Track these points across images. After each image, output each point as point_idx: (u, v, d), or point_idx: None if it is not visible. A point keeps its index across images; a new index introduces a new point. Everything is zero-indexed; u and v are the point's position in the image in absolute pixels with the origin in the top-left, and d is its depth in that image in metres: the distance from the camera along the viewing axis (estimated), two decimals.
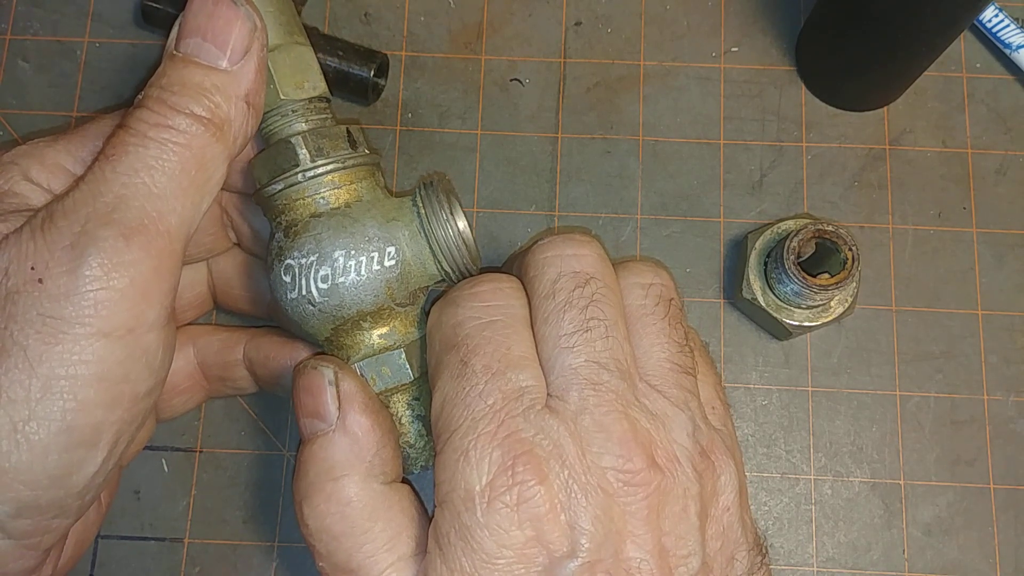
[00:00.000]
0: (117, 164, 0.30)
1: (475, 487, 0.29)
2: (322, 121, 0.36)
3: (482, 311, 0.32)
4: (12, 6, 0.49)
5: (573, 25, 0.50)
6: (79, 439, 0.29)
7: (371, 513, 0.32)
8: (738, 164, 0.48)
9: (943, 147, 0.48)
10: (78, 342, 0.28)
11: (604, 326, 0.31)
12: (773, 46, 0.49)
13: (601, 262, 0.33)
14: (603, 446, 0.30)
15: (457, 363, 0.31)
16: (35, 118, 0.48)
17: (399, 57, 0.49)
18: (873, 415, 0.45)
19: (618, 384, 0.31)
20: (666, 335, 0.33)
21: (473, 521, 0.28)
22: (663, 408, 0.31)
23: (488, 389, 0.30)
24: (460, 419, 0.30)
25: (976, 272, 0.46)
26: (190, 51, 0.32)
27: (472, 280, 0.34)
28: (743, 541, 0.32)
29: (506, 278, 0.34)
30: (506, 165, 0.48)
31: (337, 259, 0.34)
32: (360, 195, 0.35)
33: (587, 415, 0.30)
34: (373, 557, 0.31)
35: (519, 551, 0.28)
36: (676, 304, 0.34)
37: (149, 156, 0.30)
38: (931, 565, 0.43)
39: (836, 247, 0.41)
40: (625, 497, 0.29)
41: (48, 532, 0.30)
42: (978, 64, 0.49)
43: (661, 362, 0.33)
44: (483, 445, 0.29)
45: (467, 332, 0.32)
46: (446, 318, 0.33)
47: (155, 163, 0.30)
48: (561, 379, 0.31)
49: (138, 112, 0.31)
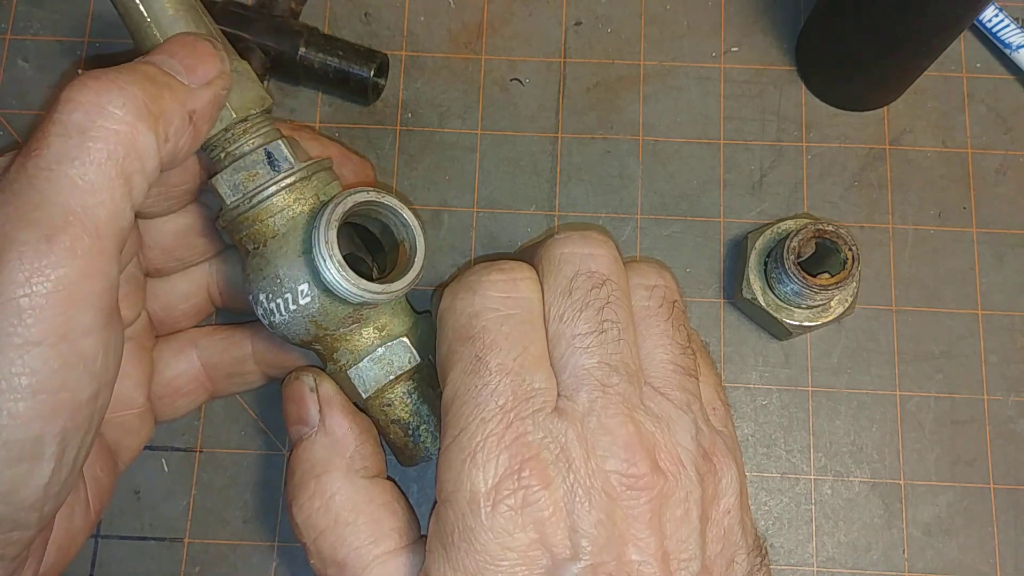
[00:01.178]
0: (39, 158, 0.27)
1: (480, 489, 0.29)
2: (243, 144, 0.34)
3: (500, 303, 0.32)
4: (12, 6, 0.49)
5: (573, 25, 0.50)
6: (19, 454, 0.27)
7: (354, 506, 0.33)
8: (738, 164, 0.48)
9: (943, 147, 0.48)
10: (5, 354, 0.26)
11: (617, 329, 0.31)
12: (773, 46, 0.49)
13: (616, 264, 0.33)
14: (608, 449, 0.30)
15: (472, 358, 0.31)
16: (35, 118, 0.48)
17: (399, 57, 0.49)
18: (873, 415, 0.45)
19: (626, 387, 0.31)
20: (669, 337, 0.33)
21: (477, 523, 0.29)
22: (667, 411, 0.31)
23: (500, 389, 0.30)
24: (469, 418, 0.30)
25: (976, 272, 0.46)
26: (155, 61, 0.31)
27: (490, 267, 0.33)
28: (743, 544, 0.32)
29: (526, 269, 0.33)
30: (506, 165, 0.48)
31: (262, 301, 0.33)
32: (276, 229, 0.33)
33: (594, 417, 0.30)
34: (358, 550, 0.32)
35: (522, 553, 0.28)
36: (679, 306, 0.34)
37: (72, 145, 0.27)
38: (931, 565, 0.43)
39: (836, 247, 0.41)
40: (628, 501, 0.29)
41: (10, 544, 0.29)
42: (978, 64, 0.49)
43: (664, 364, 0.33)
44: (491, 448, 0.29)
45: (484, 325, 0.31)
46: (461, 305, 0.32)
47: (79, 152, 0.27)
48: (572, 379, 0.31)
49: (67, 99, 0.28)
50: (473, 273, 0.33)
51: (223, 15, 0.46)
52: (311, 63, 0.46)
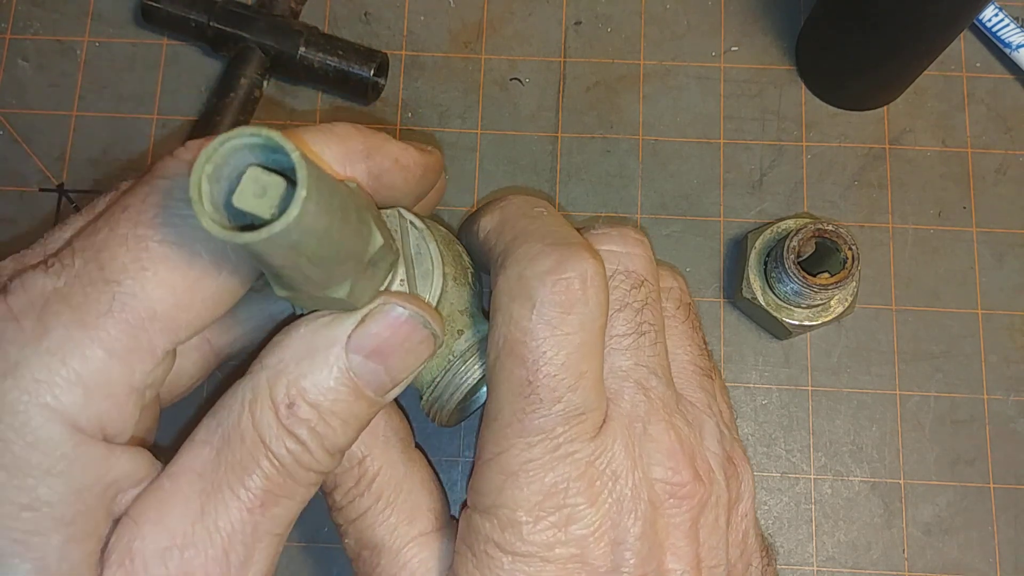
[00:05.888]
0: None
1: (523, 506, 0.28)
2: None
3: (561, 321, 0.28)
4: (12, 6, 0.49)
5: (573, 24, 0.50)
6: None
7: (395, 485, 0.32)
8: (738, 164, 0.48)
9: (943, 147, 0.48)
10: None
11: (654, 331, 0.31)
12: (773, 46, 0.49)
13: (652, 265, 0.32)
14: (652, 456, 0.29)
15: (522, 382, 0.28)
16: (35, 118, 0.48)
17: (399, 57, 0.49)
18: (873, 415, 0.45)
19: (664, 391, 0.30)
20: (689, 338, 0.33)
21: (516, 538, 0.28)
22: (696, 415, 0.31)
23: (551, 417, 0.28)
24: (513, 439, 0.28)
25: (976, 272, 0.46)
26: (361, 373, 0.27)
27: (551, 271, 0.29)
28: (757, 546, 0.33)
29: (599, 275, 0.29)
30: (506, 164, 0.48)
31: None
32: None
33: (639, 424, 0.29)
34: (395, 530, 0.31)
35: (561, 566, 0.28)
36: (693, 308, 0.34)
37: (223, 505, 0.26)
38: (931, 565, 0.43)
39: (836, 246, 0.41)
40: (671, 509, 0.29)
41: None
42: (978, 64, 0.49)
43: (685, 365, 0.33)
44: (535, 469, 0.28)
45: (538, 345, 0.28)
46: (518, 314, 0.29)
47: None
48: (611, 379, 0.30)
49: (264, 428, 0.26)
50: (531, 267, 0.29)
51: (223, 15, 0.46)
52: (311, 63, 0.46)
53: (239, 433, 0.26)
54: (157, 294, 0.24)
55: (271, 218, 0.21)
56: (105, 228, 0.25)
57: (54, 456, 0.23)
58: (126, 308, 0.24)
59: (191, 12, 0.47)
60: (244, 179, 0.21)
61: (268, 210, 0.21)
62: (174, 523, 0.25)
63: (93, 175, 0.47)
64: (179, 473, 0.26)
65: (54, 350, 0.24)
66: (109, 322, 0.24)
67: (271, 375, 0.26)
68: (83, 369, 0.24)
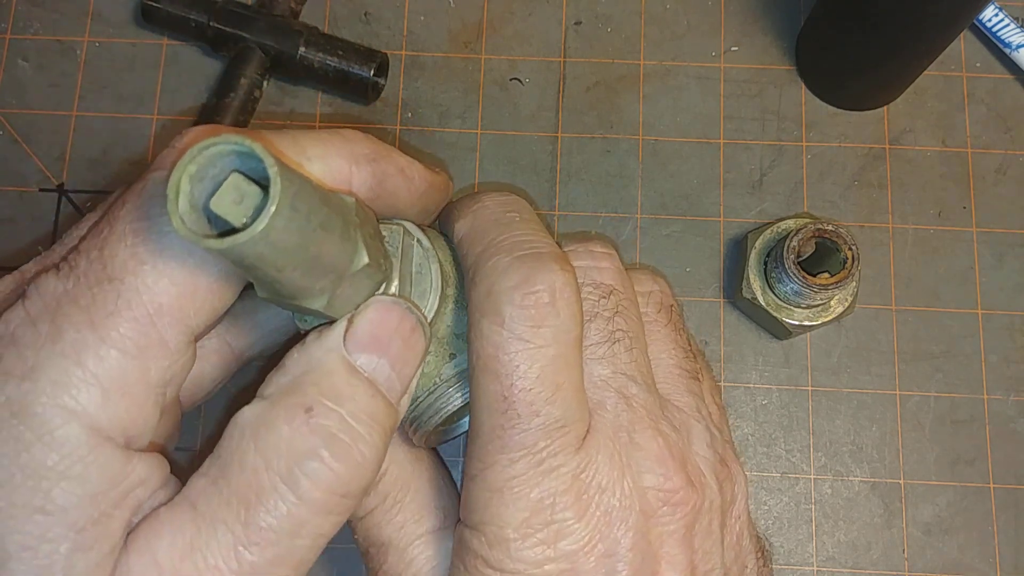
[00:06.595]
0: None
1: (510, 524, 0.28)
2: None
3: (532, 335, 0.28)
4: (12, 6, 0.49)
5: (573, 24, 0.50)
6: None
7: (403, 483, 0.32)
8: (738, 164, 0.48)
9: (943, 147, 0.48)
10: None
11: (628, 339, 0.31)
12: (773, 46, 0.49)
13: (621, 274, 0.32)
14: (642, 464, 0.29)
15: (498, 398, 0.28)
16: (35, 118, 0.48)
17: (399, 57, 0.49)
18: (873, 415, 0.45)
19: (646, 397, 0.30)
20: (672, 341, 0.33)
21: (505, 555, 0.28)
22: (683, 420, 0.31)
23: (531, 432, 0.28)
24: (496, 455, 0.28)
25: (976, 272, 0.46)
26: (369, 369, 0.27)
27: (519, 285, 0.28)
28: (751, 548, 0.32)
29: (569, 287, 0.29)
30: (506, 165, 0.48)
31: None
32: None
33: (624, 433, 0.29)
34: (403, 528, 0.31)
35: None
36: (676, 310, 0.34)
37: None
38: (931, 564, 0.43)
39: (836, 246, 0.41)
40: (663, 517, 0.29)
41: None
42: (978, 64, 0.49)
43: (670, 368, 0.32)
44: (520, 485, 0.28)
45: (511, 360, 0.28)
46: (488, 331, 0.28)
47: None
48: (591, 390, 0.30)
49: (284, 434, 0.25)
50: (499, 281, 0.29)
51: (223, 15, 0.46)
52: (311, 63, 0.46)
53: (238, 462, 0.25)
54: (160, 287, 0.24)
55: (242, 227, 0.21)
56: (107, 226, 0.25)
57: (71, 458, 0.23)
58: (132, 305, 0.24)
59: (191, 12, 0.47)
60: (225, 184, 0.21)
61: (241, 218, 0.21)
62: (162, 556, 0.24)
63: (93, 175, 0.47)
64: (176, 503, 0.25)
65: (68, 352, 0.24)
66: (118, 320, 0.24)
67: (276, 394, 0.26)
68: (98, 369, 0.24)
